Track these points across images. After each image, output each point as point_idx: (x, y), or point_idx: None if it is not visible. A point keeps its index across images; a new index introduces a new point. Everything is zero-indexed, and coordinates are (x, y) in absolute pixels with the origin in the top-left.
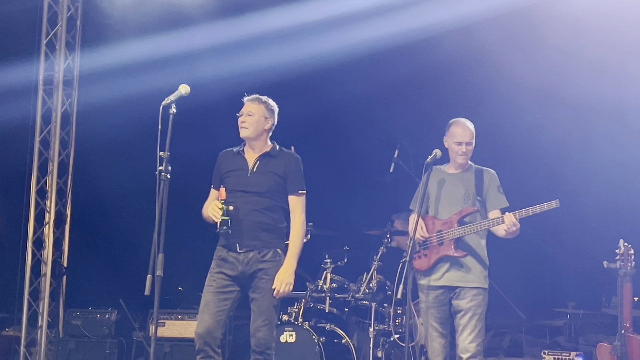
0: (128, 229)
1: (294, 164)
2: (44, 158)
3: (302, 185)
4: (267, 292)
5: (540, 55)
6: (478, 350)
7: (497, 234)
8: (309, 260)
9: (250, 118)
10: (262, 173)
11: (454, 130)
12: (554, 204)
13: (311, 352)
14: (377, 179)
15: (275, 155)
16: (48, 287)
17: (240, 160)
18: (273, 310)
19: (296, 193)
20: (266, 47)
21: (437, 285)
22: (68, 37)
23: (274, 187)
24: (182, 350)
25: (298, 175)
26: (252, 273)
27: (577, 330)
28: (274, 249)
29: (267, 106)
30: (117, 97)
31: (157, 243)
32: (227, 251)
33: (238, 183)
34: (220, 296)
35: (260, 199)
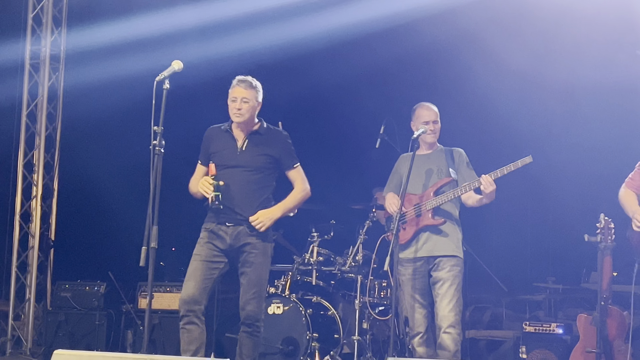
0: (116, 203)
1: (284, 142)
2: (30, 132)
3: (295, 158)
4: (256, 266)
5: (525, 37)
6: (457, 320)
7: (468, 203)
8: (296, 234)
9: (246, 105)
10: (251, 151)
11: (420, 112)
12: (527, 160)
13: (298, 323)
14: (363, 154)
15: (263, 134)
16: (36, 260)
17: (229, 137)
18: (262, 283)
19: (292, 168)
20: (254, 28)
21: (417, 257)
22: (55, 11)
23: (264, 165)
24: (170, 322)
25: (289, 151)
26: (240, 246)
27: (557, 304)
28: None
29: (258, 90)
30: (104, 74)
31: (151, 215)
32: (216, 224)
33: (227, 160)
34: (208, 265)
35: (249, 176)
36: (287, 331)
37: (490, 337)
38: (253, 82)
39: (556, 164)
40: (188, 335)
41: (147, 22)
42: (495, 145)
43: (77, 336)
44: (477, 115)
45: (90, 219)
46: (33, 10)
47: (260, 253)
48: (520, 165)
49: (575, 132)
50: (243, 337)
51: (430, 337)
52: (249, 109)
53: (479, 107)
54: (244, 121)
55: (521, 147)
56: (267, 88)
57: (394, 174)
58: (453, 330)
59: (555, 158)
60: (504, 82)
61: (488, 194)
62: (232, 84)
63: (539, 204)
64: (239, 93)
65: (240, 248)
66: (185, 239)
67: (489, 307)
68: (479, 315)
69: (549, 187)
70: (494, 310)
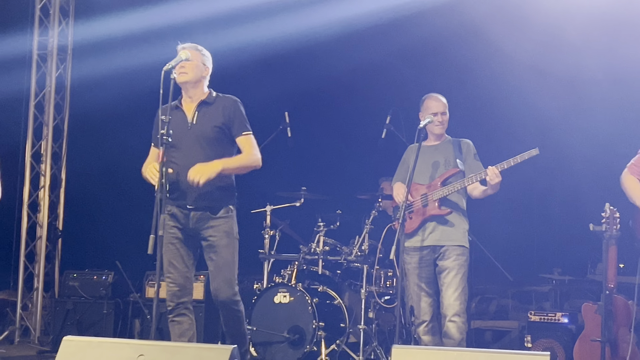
0: (123, 192)
1: (233, 108)
2: (38, 122)
3: (246, 126)
4: (222, 249)
5: (530, 29)
6: (462, 309)
7: (473, 194)
8: (302, 224)
9: (189, 63)
10: (201, 124)
11: (428, 103)
12: (533, 152)
13: (304, 312)
14: (369, 144)
15: (212, 102)
16: (44, 250)
17: (179, 113)
18: (231, 267)
19: (240, 134)
20: (261, 19)
21: (423, 246)
22: (62, 1)
23: (216, 137)
24: None
25: (238, 117)
26: (203, 230)
27: (563, 295)
28: (225, 206)
29: (204, 54)
30: (111, 65)
31: (159, 204)
32: (177, 207)
33: (179, 137)
34: (181, 252)
35: (204, 152)
36: (293, 320)
37: (496, 328)
38: (197, 46)
39: (562, 154)
40: (179, 327)
41: (155, 13)
42: (501, 136)
43: (85, 325)
44: (483, 106)
45: (98, 208)
46: (40, 1)
47: (224, 236)
48: (527, 157)
49: (581, 123)
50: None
51: (436, 326)
52: (193, 67)
53: (485, 98)
54: (187, 81)
55: (527, 138)
56: (274, 79)
57: (402, 164)
58: (458, 319)
59: (561, 148)
60: (509, 73)
61: (493, 186)
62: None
63: (545, 195)
64: (183, 54)
65: (204, 232)
66: None
67: (495, 298)
68: (485, 306)
69: (554, 177)
70: (500, 301)
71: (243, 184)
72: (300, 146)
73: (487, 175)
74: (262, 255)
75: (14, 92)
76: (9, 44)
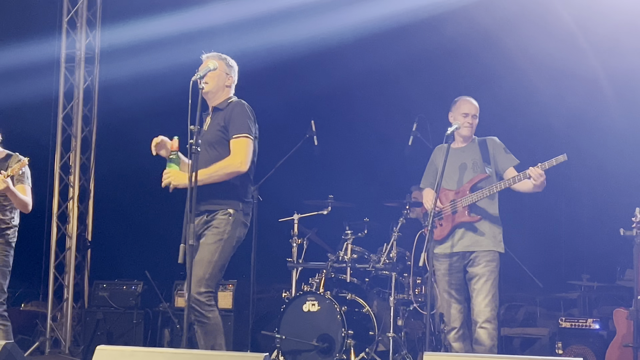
0: (151, 202)
1: (236, 111)
2: (67, 134)
3: (243, 129)
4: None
5: (553, 30)
6: (493, 315)
7: (520, 189)
8: (330, 232)
9: (212, 72)
10: (210, 130)
11: (461, 104)
12: (562, 158)
13: (333, 320)
14: (396, 151)
15: (223, 108)
16: (73, 261)
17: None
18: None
19: (232, 137)
20: (284, 23)
21: (452, 252)
22: (89, 14)
23: (217, 141)
24: None
25: (238, 119)
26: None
27: (592, 302)
28: (224, 209)
29: (227, 62)
30: (138, 72)
31: (189, 213)
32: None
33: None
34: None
35: (208, 155)
36: (322, 328)
37: (525, 335)
38: (221, 54)
39: (590, 158)
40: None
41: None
42: (527, 139)
43: (115, 335)
44: (508, 109)
45: (126, 218)
46: (67, 14)
47: (214, 234)
48: (555, 164)
49: (608, 125)
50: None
51: (466, 333)
52: (213, 77)
53: (510, 100)
54: (209, 90)
55: (553, 141)
56: (298, 85)
57: (429, 166)
58: (489, 325)
59: (590, 152)
60: (534, 75)
61: (538, 185)
62: None
63: (573, 200)
64: (204, 64)
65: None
66: None
67: (523, 305)
68: (513, 313)
69: (583, 182)
70: (528, 309)
71: (270, 193)
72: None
73: (530, 176)
74: (290, 263)
75: (41, 105)
76: (37, 54)
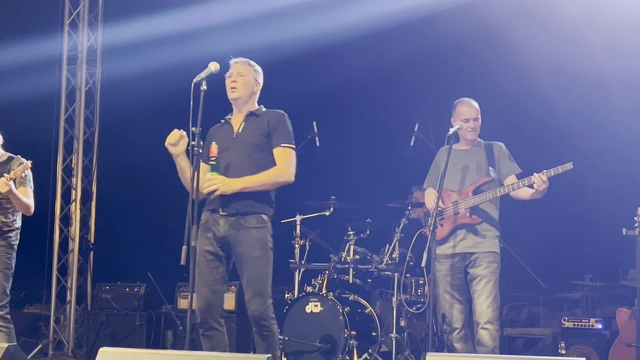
0: (153, 205)
1: (279, 119)
2: (69, 136)
3: (290, 139)
4: (253, 261)
5: (554, 29)
6: (494, 316)
7: (520, 197)
8: (332, 233)
9: (242, 78)
10: (247, 132)
11: (460, 109)
12: (568, 166)
13: (336, 321)
14: (398, 152)
15: (260, 115)
16: (76, 263)
17: (227, 127)
18: (262, 279)
19: (278, 145)
20: (286, 21)
21: (453, 253)
22: (90, 16)
23: (259, 145)
24: None
25: (282, 129)
26: (234, 239)
27: (594, 302)
28: (258, 214)
29: (256, 70)
30: (139, 71)
31: (191, 215)
32: (211, 213)
33: (223, 145)
34: (211, 264)
35: (244, 160)
36: (325, 329)
37: (528, 335)
38: (249, 61)
39: (592, 159)
40: (209, 342)
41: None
42: (527, 138)
43: (118, 337)
44: (509, 109)
45: (129, 220)
46: (69, 15)
47: (257, 247)
48: (561, 171)
49: (609, 125)
50: (256, 337)
51: (468, 334)
52: (244, 82)
53: (511, 100)
54: (238, 96)
55: (554, 141)
56: (299, 85)
57: (433, 167)
58: (491, 326)
59: (591, 152)
60: (537, 73)
61: (541, 191)
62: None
63: (575, 200)
64: (233, 69)
65: (236, 241)
66: None
67: (526, 305)
68: (516, 313)
69: (585, 183)
70: (531, 309)
71: None
72: (329, 155)
73: (533, 182)
74: (293, 264)
75: (43, 107)
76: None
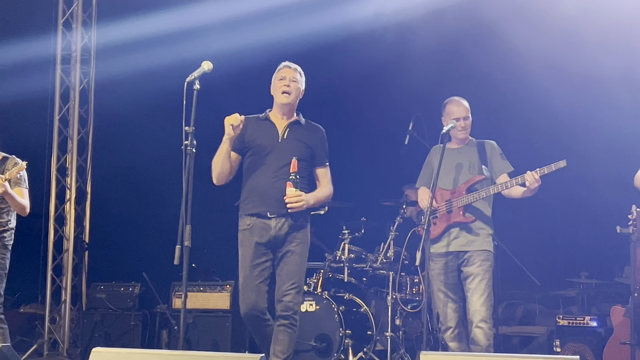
0: (148, 204)
1: (322, 137)
2: (63, 136)
3: (327, 157)
4: (296, 256)
5: (548, 26)
6: (488, 314)
7: (512, 195)
8: (327, 232)
9: (295, 84)
10: (292, 139)
11: (450, 108)
12: (561, 164)
13: (331, 320)
14: (392, 151)
15: (304, 125)
16: (71, 263)
17: (268, 125)
18: (302, 274)
19: (323, 165)
20: (279, 19)
21: (446, 252)
22: (84, 16)
23: (304, 155)
24: (204, 322)
25: (325, 148)
26: (283, 238)
27: (590, 299)
28: (303, 215)
29: (303, 76)
30: (133, 71)
31: (184, 215)
32: (257, 218)
33: (268, 148)
34: (256, 268)
35: (287, 167)
36: (320, 328)
37: (523, 333)
38: (300, 68)
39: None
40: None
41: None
42: (521, 136)
43: (113, 337)
44: (502, 107)
45: (123, 220)
46: (63, 15)
47: (301, 243)
48: (554, 169)
49: (604, 122)
50: (279, 331)
51: (462, 332)
52: (296, 89)
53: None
54: (290, 102)
55: (549, 138)
56: None
57: (426, 166)
58: (485, 325)
59: (586, 149)
60: (530, 72)
61: (532, 189)
62: (280, 67)
63: (571, 198)
64: (288, 73)
65: (284, 239)
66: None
67: (522, 304)
68: (512, 311)
69: (580, 180)
70: (527, 307)
71: None
72: None
73: (526, 180)
74: None
75: (38, 106)
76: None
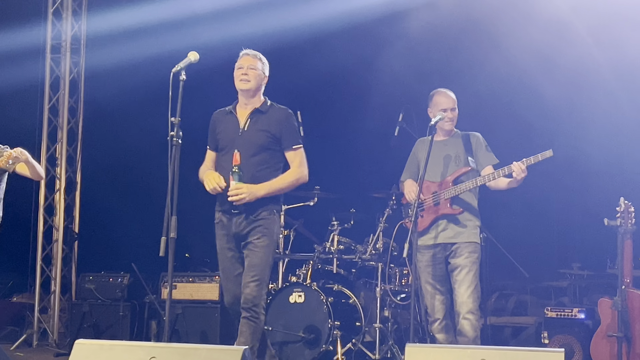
0: (138, 195)
1: (286, 120)
2: (53, 126)
3: (297, 139)
4: (259, 249)
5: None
6: (475, 306)
7: (497, 186)
8: (316, 223)
9: (253, 72)
10: (252, 131)
11: (437, 99)
12: (547, 154)
13: (320, 312)
14: (382, 142)
15: (265, 111)
16: (60, 253)
17: (232, 119)
18: (264, 267)
19: (290, 148)
20: (269, 12)
21: (434, 244)
22: (74, 5)
23: (265, 144)
24: (193, 312)
25: (290, 130)
26: (245, 232)
27: (582, 290)
28: (267, 208)
29: (264, 63)
30: (124, 61)
31: (170, 206)
32: (222, 214)
33: (229, 142)
34: (231, 261)
35: (249, 160)
36: (308, 320)
37: (513, 324)
38: (260, 55)
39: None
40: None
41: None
42: (511, 130)
43: (102, 327)
44: (491, 100)
45: (113, 211)
46: (53, 4)
47: (264, 236)
48: (541, 159)
49: (595, 115)
50: (242, 323)
51: (450, 324)
52: (255, 76)
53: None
54: (249, 89)
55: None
56: (283, 74)
57: (411, 159)
58: (472, 316)
59: (576, 142)
60: (520, 64)
61: (519, 180)
62: (240, 56)
63: (563, 189)
64: (245, 61)
65: (247, 234)
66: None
67: (514, 294)
68: (504, 302)
69: (572, 172)
70: (519, 297)
71: None
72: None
73: (512, 171)
74: (277, 255)
75: (27, 96)
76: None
